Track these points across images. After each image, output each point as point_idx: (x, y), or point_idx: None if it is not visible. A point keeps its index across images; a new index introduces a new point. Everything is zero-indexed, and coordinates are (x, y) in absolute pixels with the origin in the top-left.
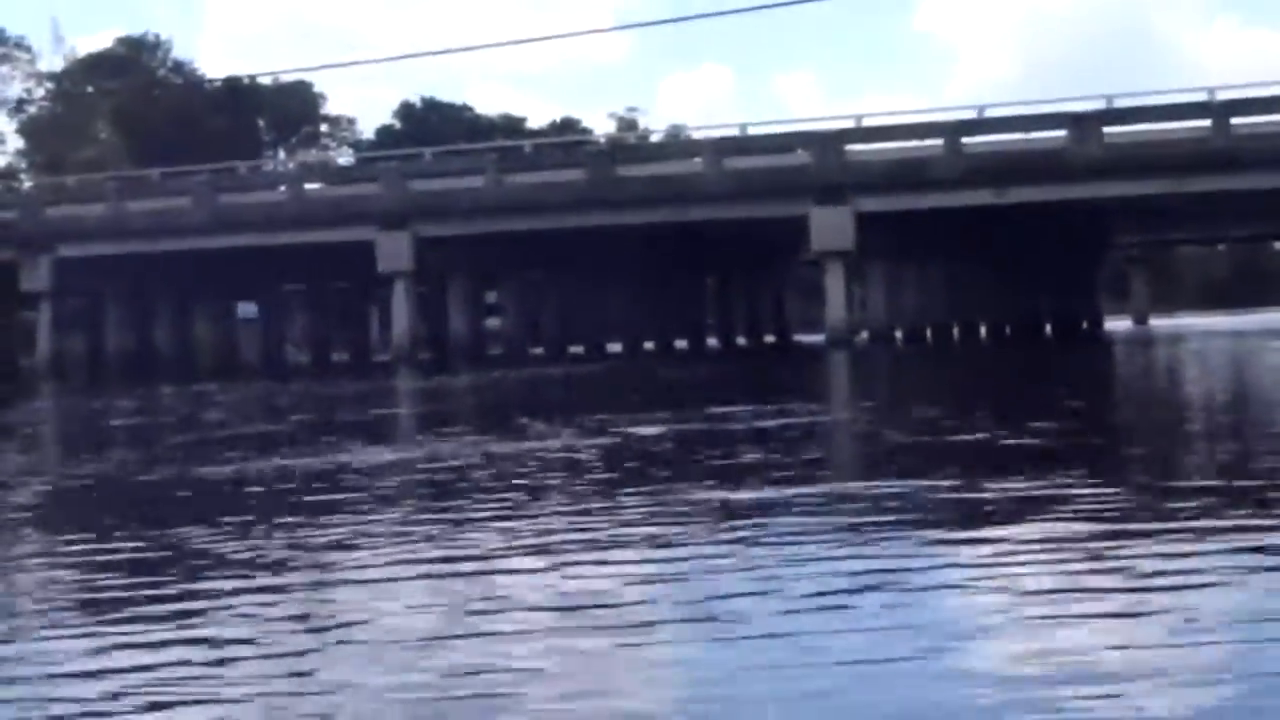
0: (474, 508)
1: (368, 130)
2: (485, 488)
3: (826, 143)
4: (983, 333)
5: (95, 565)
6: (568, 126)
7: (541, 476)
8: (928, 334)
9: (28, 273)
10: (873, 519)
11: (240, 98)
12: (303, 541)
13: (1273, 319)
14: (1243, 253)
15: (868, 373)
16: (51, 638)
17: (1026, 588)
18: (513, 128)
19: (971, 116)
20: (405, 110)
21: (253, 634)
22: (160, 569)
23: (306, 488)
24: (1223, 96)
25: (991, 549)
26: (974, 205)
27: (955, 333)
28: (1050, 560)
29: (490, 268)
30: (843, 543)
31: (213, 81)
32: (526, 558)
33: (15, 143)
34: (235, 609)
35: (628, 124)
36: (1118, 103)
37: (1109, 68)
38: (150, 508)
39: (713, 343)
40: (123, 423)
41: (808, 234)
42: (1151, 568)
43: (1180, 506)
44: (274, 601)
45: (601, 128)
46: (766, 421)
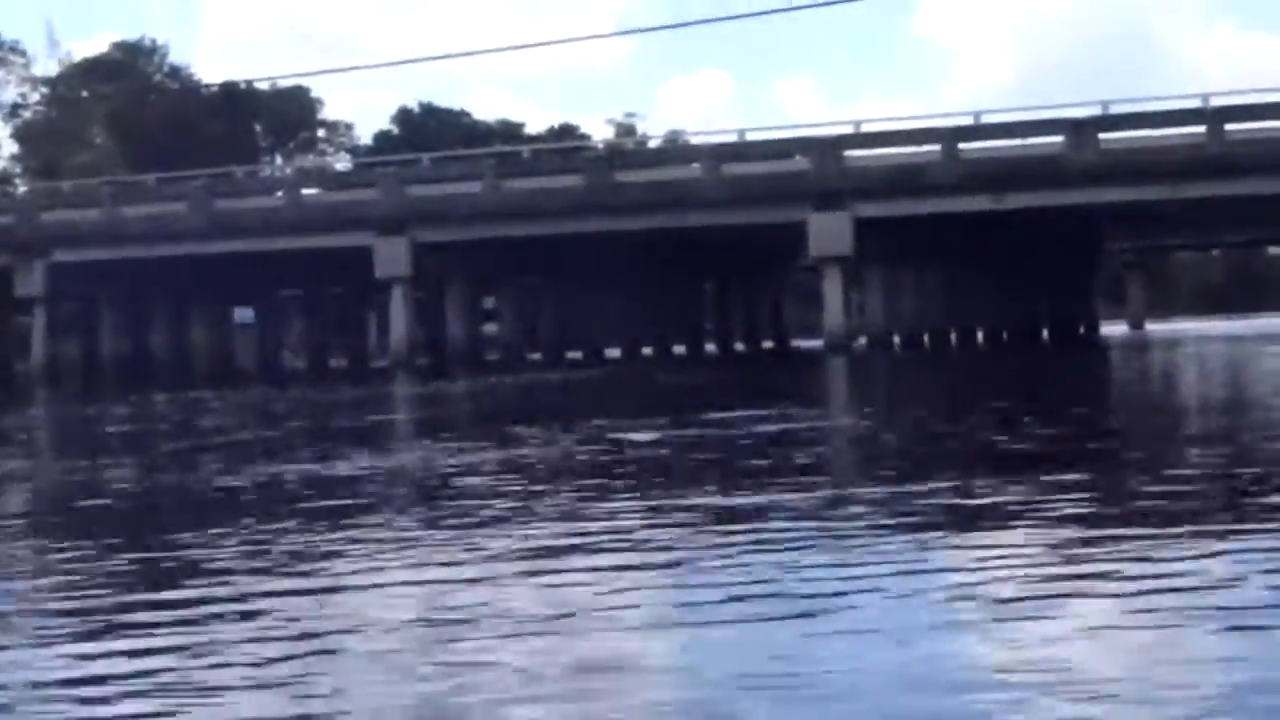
0: (468, 514)
1: (365, 135)
2: (480, 494)
3: (825, 148)
4: (980, 338)
5: (85, 573)
6: (566, 132)
7: (536, 482)
8: (925, 339)
9: (22, 278)
10: (866, 524)
11: (237, 103)
12: (296, 549)
13: (1268, 324)
14: (1238, 258)
15: (866, 378)
16: (39, 645)
17: (1015, 594)
18: (511, 133)
19: (969, 122)
20: (403, 116)
21: (244, 641)
22: (151, 577)
23: (300, 495)
24: (1217, 103)
25: (983, 554)
26: (971, 211)
27: (953, 338)
28: (1038, 565)
29: (488, 273)
30: (834, 547)
31: (209, 86)
32: (521, 563)
33: (10, 147)
34: (227, 616)
35: (626, 130)
36: (1114, 108)
37: (1107, 73)
38: (142, 515)
39: (711, 348)
40: (116, 429)
41: (806, 239)
42: (1139, 571)
43: (1173, 511)
44: (268, 609)
45: (600, 133)
46: (764, 427)
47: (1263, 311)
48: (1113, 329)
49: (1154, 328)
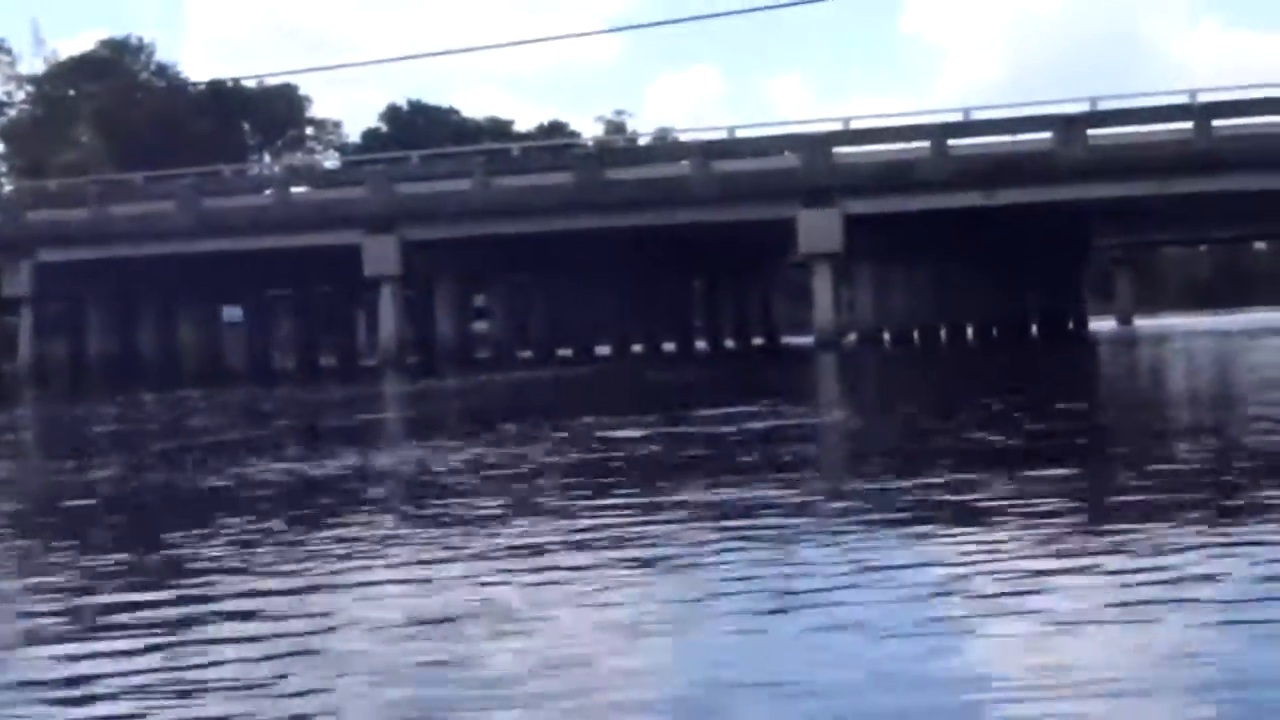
0: (455, 512)
1: (354, 133)
2: (468, 493)
3: (814, 145)
4: (969, 334)
5: (74, 574)
6: (555, 129)
7: (524, 480)
8: (915, 336)
9: (9, 277)
10: (853, 520)
11: (224, 101)
12: (282, 548)
13: (1254, 319)
14: (1225, 254)
15: (855, 375)
16: (25, 645)
17: (999, 590)
18: (500, 131)
19: (958, 119)
20: (391, 113)
21: (228, 641)
22: (135, 578)
23: (287, 494)
24: (1204, 99)
25: (967, 549)
26: (961, 207)
27: (942, 334)
28: (1022, 560)
29: (478, 271)
30: (821, 543)
31: (196, 85)
32: (509, 560)
33: None
34: (211, 616)
35: (615, 127)
36: (1102, 105)
37: (1095, 70)
38: (126, 516)
39: (701, 345)
40: (103, 430)
41: (796, 236)
42: (1121, 565)
43: (1158, 506)
44: (253, 609)
45: (589, 131)
46: (753, 424)
47: (1249, 306)
48: (1101, 324)
49: (1142, 323)
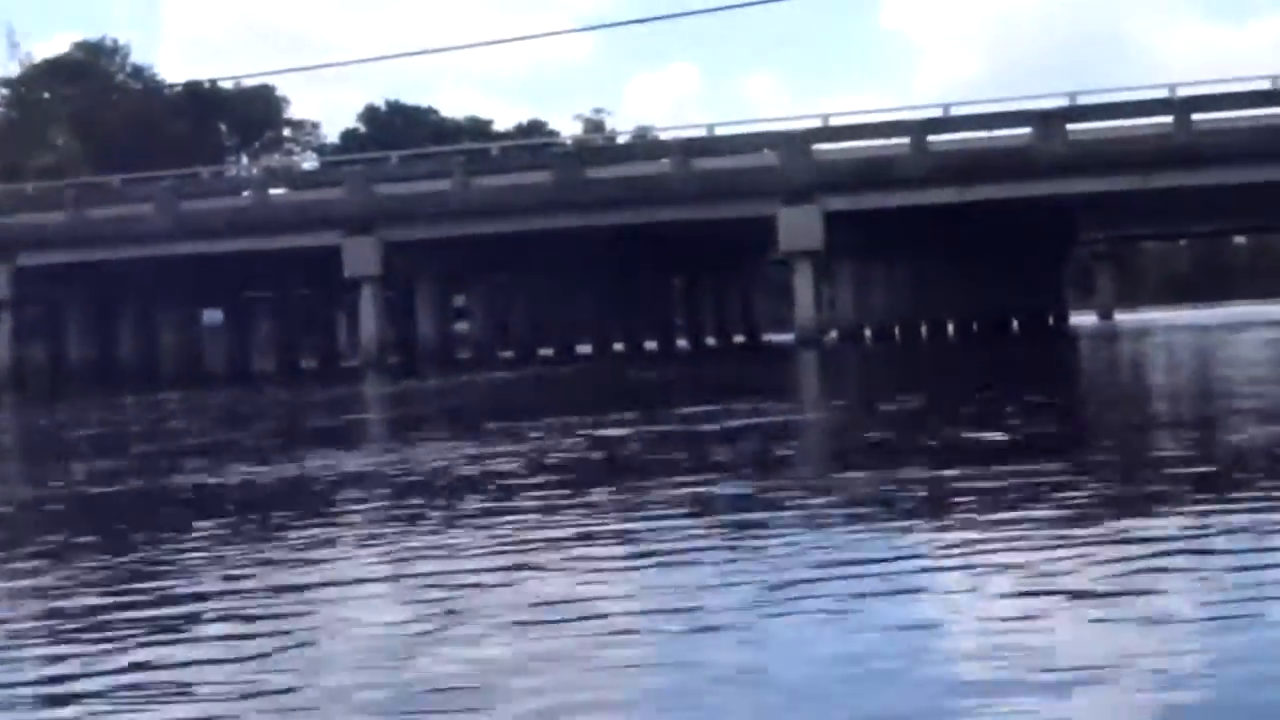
0: (439, 512)
1: (332, 134)
2: (450, 492)
3: (794, 143)
4: (950, 330)
5: (57, 580)
6: (534, 129)
7: (507, 479)
8: (896, 332)
9: None
10: (835, 514)
11: (201, 102)
12: (269, 550)
13: (1234, 312)
14: (1204, 248)
15: (836, 372)
16: (14, 649)
17: (981, 583)
18: (479, 130)
19: (937, 115)
20: (370, 114)
21: (224, 642)
22: (121, 582)
23: (269, 497)
24: (1184, 93)
25: (947, 542)
26: (940, 203)
27: (923, 330)
28: (1000, 552)
29: (458, 271)
30: (803, 537)
31: (173, 86)
32: (496, 557)
33: None
34: (200, 621)
35: (594, 125)
36: (1081, 100)
37: (1075, 65)
38: (107, 520)
39: (682, 343)
40: (81, 433)
41: (776, 234)
42: (1109, 555)
43: (1140, 499)
44: (239, 608)
45: (568, 129)
46: (736, 421)
47: (1228, 300)
48: (1082, 319)
49: (1122, 318)
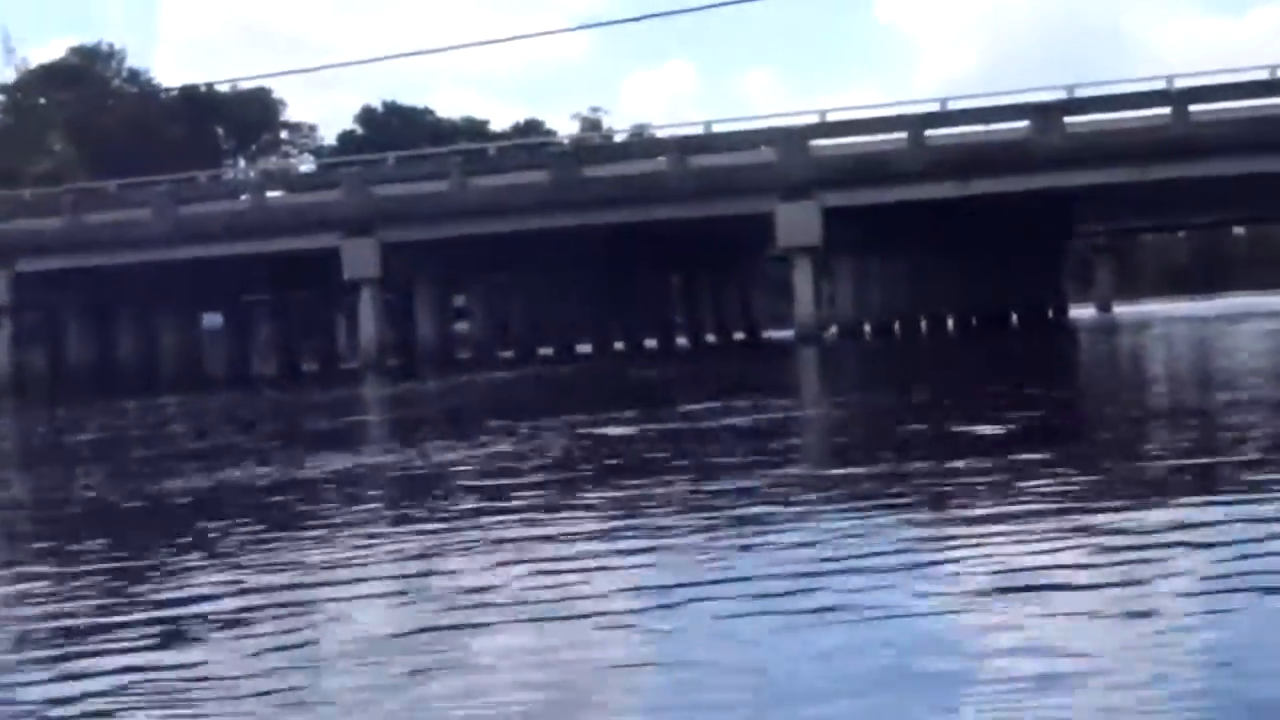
0: (439, 512)
1: (329, 136)
2: (450, 492)
3: (791, 139)
4: (950, 324)
5: (58, 582)
6: (531, 128)
7: (508, 477)
8: (896, 327)
9: None
10: (834, 510)
11: (198, 106)
12: (269, 550)
13: (1232, 304)
14: (1203, 239)
15: (836, 368)
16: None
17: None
18: (476, 130)
19: (934, 109)
20: (367, 115)
21: (224, 643)
22: (121, 584)
23: (269, 498)
24: (1181, 84)
25: (948, 537)
26: (939, 198)
27: (923, 325)
28: (1000, 546)
29: (457, 272)
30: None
31: (169, 90)
32: (495, 554)
33: None
34: (195, 619)
35: (591, 124)
36: (1079, 92)
37: (1072, 58)
38: (108, 523)
39: (682, 341)
40: (80, 438)
41: (774, 230)
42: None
43: (1137, 492)
44: (245, 608)
45: (565, 129)
46: (735, 419)
47: (1227, 291)
48: (1081, 312)
49: (1121, 310)
